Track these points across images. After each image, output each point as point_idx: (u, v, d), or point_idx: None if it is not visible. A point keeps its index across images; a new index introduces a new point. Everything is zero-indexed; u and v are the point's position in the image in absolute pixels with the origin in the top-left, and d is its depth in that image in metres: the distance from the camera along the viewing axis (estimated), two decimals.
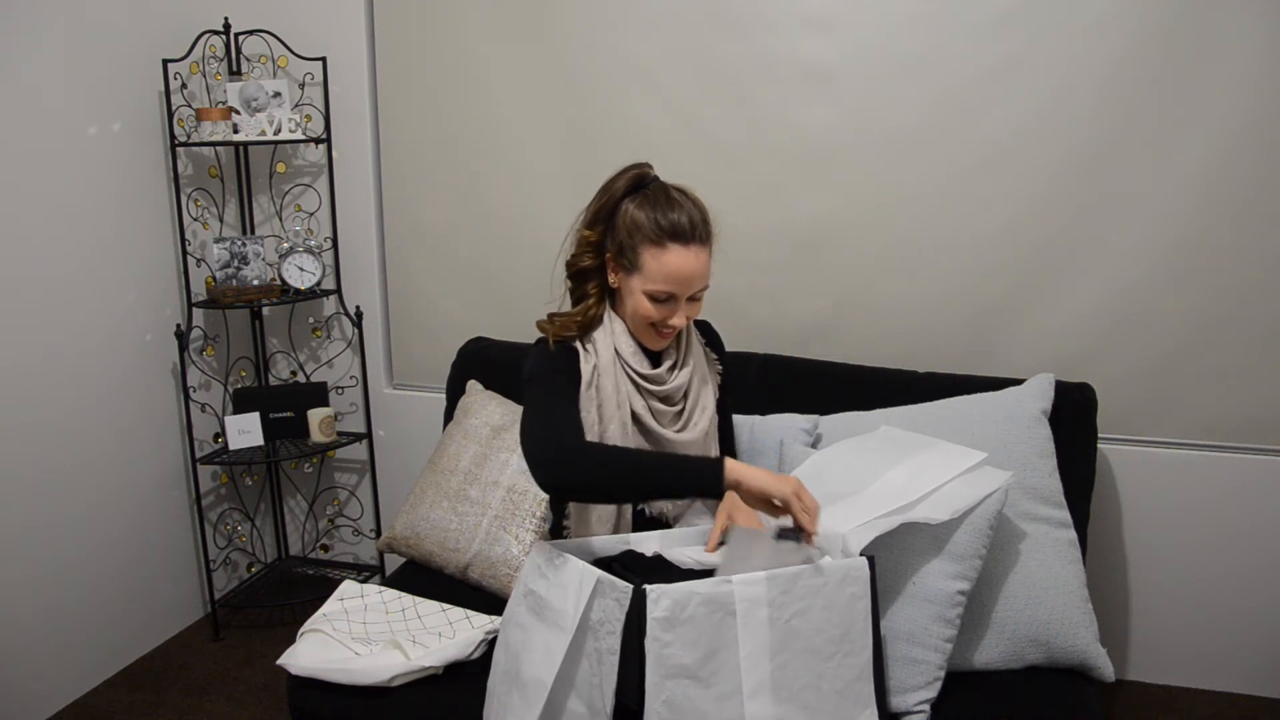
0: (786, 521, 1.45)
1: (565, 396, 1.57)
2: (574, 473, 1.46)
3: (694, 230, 1.56)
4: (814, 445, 2.07)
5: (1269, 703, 2.33)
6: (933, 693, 1.66)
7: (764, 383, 2.27)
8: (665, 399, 1.68)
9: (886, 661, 1.63)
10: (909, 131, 2.30)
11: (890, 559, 1.72)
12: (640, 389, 1.65)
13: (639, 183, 1.62)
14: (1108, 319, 2.27)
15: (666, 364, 1.69)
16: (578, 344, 1.65)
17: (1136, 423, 2.30)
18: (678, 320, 1.59)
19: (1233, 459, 2.26)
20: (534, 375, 1.60)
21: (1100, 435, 2.11)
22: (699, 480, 1.45)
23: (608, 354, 1.64)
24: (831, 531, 1.57)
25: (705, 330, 1.84)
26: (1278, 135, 2.09)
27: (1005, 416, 1.98)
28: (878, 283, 2.40)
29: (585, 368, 1.63)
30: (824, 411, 2.14)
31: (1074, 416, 2.06)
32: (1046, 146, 2.23)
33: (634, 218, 1.57)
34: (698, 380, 1.71)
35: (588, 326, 1.65)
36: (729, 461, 1.44)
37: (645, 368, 1.66)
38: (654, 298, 1.58)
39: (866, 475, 1.75)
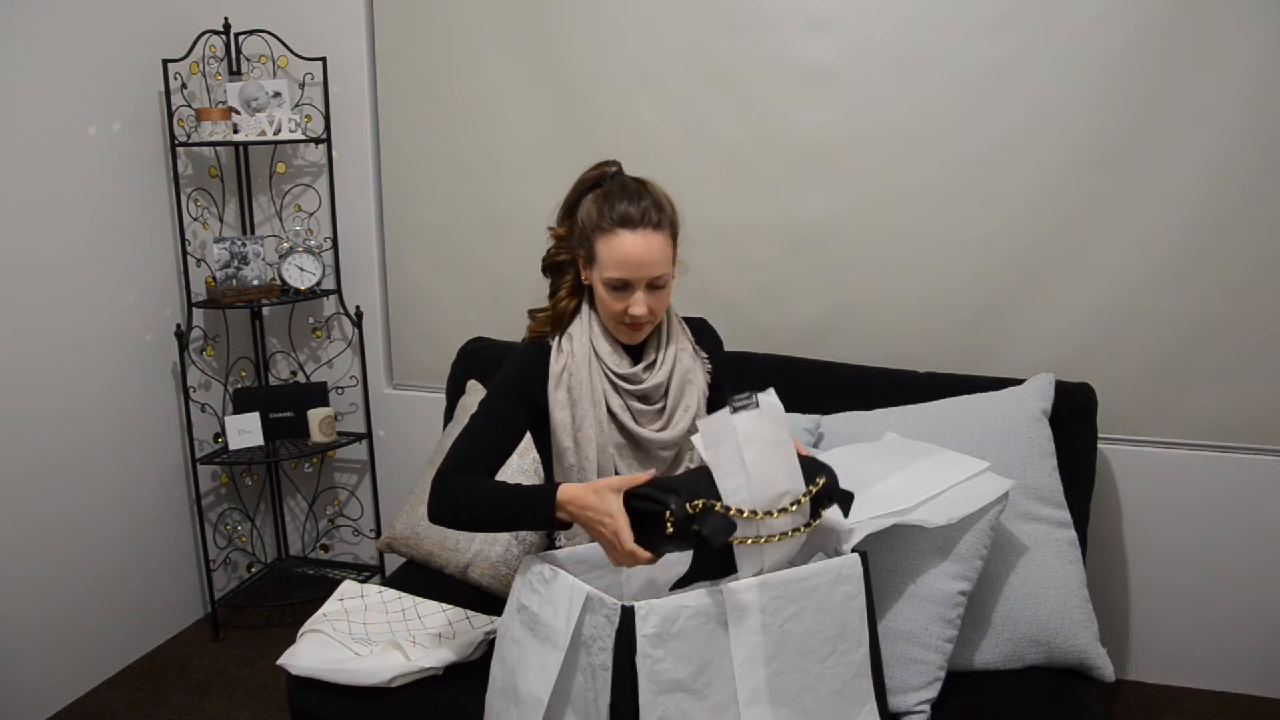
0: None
1: (494, 424, 1.62)
2: (439, 502, 1.55)
3: (644, 215, 1.57)
4: (816, 445, 2.07)
5: (1269, 703, 2.33)
6: (933, 693, 1.66)
7: (764, 383, 2.26)
8: (643, 398, 1.67)
9: (887, 661, 1.63)
10: (909, 131, 2.30)
11: (891, 560, 1.72)
12: (617, 388, 1.65)
13: (602, 177, 1.66)
14: (1108, 319, 2.27)
15: (645, 362, 1.69)
16: (552, 341, 1.67)
17: (1136, 423, 2.30)
18: (637, 309, 1.59)
19: (1233, 459, 2.26)
20: (488, 393, 1.67)
21: (1100, 435, 2.11)
22: (534, 509, 1.49)
23: (583, 351, 1.64)
24: (825, 527, 1.57)
25: (700, 329, 1.82)
26: (1277, 135, 2.09)
27: (1005, 416, 1.98)
28: (878, 282, 2.40)
29: (555, 366, 1.64)
30: (824, 411, 2.14)
31: (1074, 416, 2.06)
32: (1046, 146, 2.22)
33: (588, 210, 1.61)
34: (679, 379, 1.70)
35: (559, 320, 1.68)
36: (561, 487, 1.47)
37: (623, 367, 1.66)
38: (610, 285, 1.59)
39: (868, 478, 1.74)
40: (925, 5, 2.24)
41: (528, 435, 1.69)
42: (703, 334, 1.82)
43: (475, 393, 2.37)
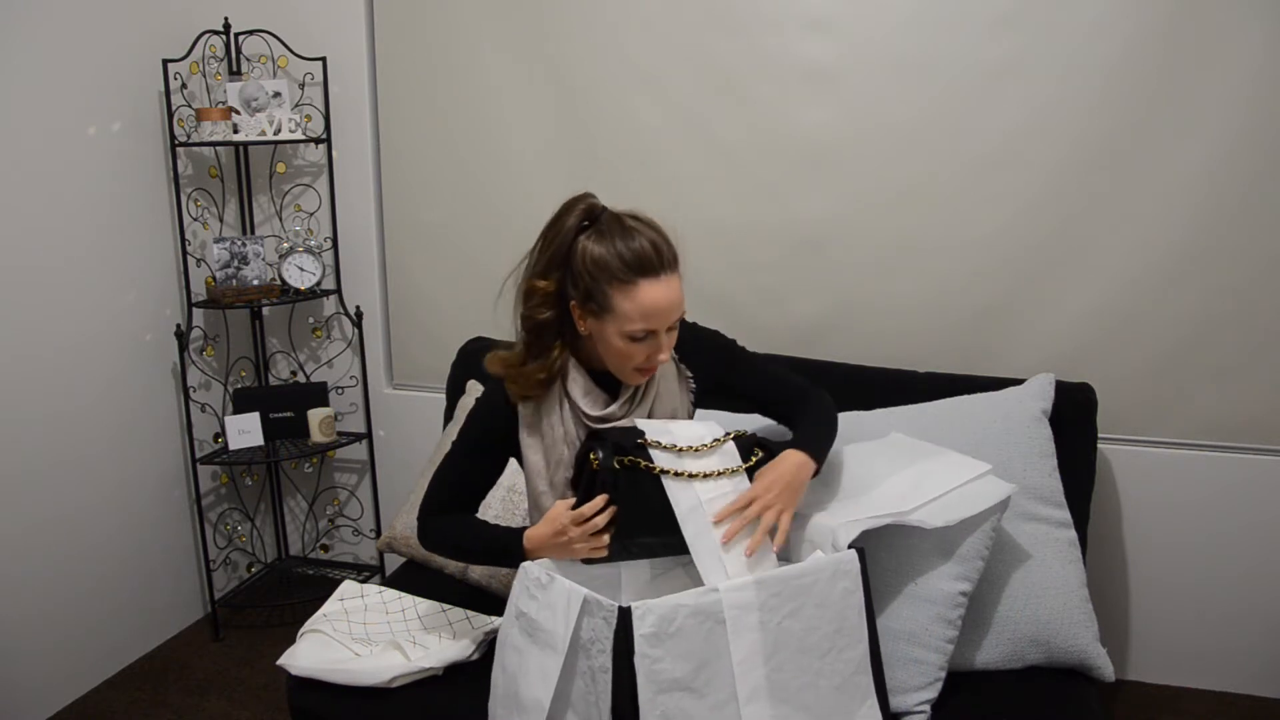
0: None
1: (464, 475, 1.67)
2: (427, 541, 1.69)
3: (661, 259, 1.48)
4: None
5: (1269, 703, 2.33)
6: (933, 693, 1.66)
7: None
8: None
9: (887, 662, 1.63)
10: (909, 131, 2.30)
11: (892, 559, 1.72)
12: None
13: (590, 216, 1.52)
14: (1108, 319, 2.27)
15: (622, 398, 1.61)
16: None
17: (1136, 423, 2.30)
18: (663, 356, 1.53)
19: (1233, 459, 2.26)
20: (458, 437, 1.69)
21: (1100, 435, 2.11)
22: (507, 553, 1.59)
23: (554, 397, 1.59)
24: (822, 524, 1.58)
25: (683, 337, 1.66)
26: (1277, 135, 2.09)
27: (1005, 416, 1.98)
28: (878, 283, 2.40)
29: (525, 409, 1.60)
30: None
31: (1074, 416, 2.05)
32: (1046, 146, 2.22)
33: (594, 257, 1.48)
34: (662, 407, 1.64)
35: (550, 381, 1.58)
36: (524, 537, 1.57)
37: (597, 408, 1.59)
38: (632, 337, 1.49)
39: (871, 479, 1.74)
40: (925, 5, 2.24)
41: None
42: (686, 338, 1.68)
43: (475, 393, 2.36)
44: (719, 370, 1.72)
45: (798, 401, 1.72)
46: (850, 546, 1.53)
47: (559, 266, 1.52)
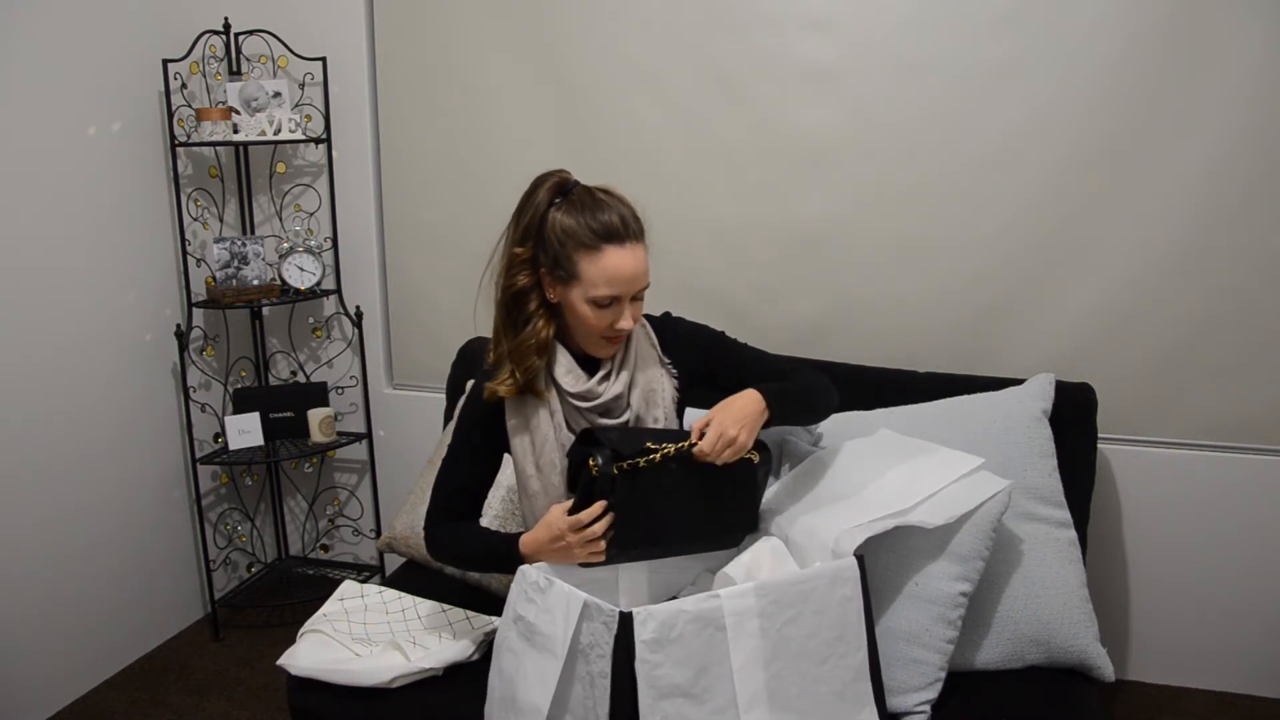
0: None
1: (461, 467, 1.70)
2: (432, 551, 1.73)
3: (627, 228, 1.54)
4: (815, 444, 2.07)
5: (1269, 703, 2.33)
6: (933, 693, 1.66)
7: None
8: (605, 412, 1.64)
9: (887, 662, 1.63)
10: (909, 131, 2.30)
11: (892, 559, 1.72)
12: (580, 410, 1.62)
13: (561, 189, 1.58)
14: (1108, 319, 2.27)
15: (601, 373, 1.64)
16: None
17: (1136, 423, 2.30)
18: (627, 323, 1.56)
19: (1233, 459, 2.26)
20: (453, 439, 1.71)
21: (1100, 435, 2.11)
22: (507, 559, 1.61)
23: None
24: (820, 529, 1.58)
25: (660, 325, 1.74)
26: (1277, 135, 2.09)
27: (1005, 416, 1.98)
28: (878, 283, 2.40)
29: (509, 397, 1.63)
30: None
31: (1074, 416, 2.05)
32: (1047, 146, 2.22)
33: (563, 225, 1.54)
34: (642, 386, 1.66)
35: (544, 349, 1.60)
36: (520, 542, 1.60)
37: (579, 385, 1.61)
38: (597, 304, 1.54)
39: (864, 478, 1.74)
40: (925, 5, 2.24)
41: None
42: (668, 332, 1.73)
43: None
44: (704, 362, 1.73)
45: (785, 378, 1.73)
46: (854, 554, 1.52)
47: (533, 235, 1.57)
